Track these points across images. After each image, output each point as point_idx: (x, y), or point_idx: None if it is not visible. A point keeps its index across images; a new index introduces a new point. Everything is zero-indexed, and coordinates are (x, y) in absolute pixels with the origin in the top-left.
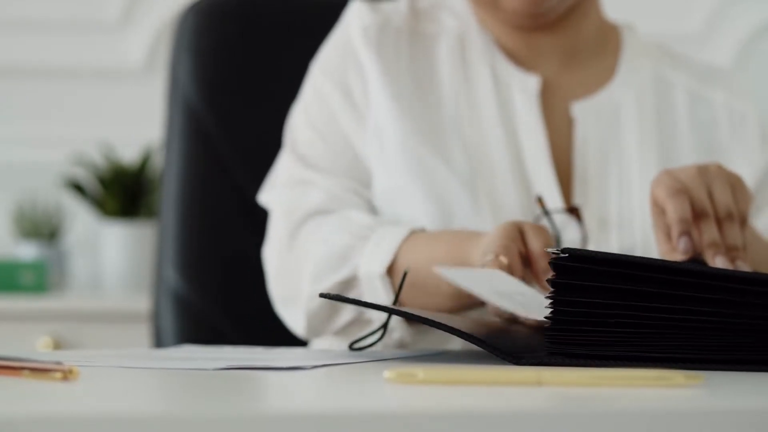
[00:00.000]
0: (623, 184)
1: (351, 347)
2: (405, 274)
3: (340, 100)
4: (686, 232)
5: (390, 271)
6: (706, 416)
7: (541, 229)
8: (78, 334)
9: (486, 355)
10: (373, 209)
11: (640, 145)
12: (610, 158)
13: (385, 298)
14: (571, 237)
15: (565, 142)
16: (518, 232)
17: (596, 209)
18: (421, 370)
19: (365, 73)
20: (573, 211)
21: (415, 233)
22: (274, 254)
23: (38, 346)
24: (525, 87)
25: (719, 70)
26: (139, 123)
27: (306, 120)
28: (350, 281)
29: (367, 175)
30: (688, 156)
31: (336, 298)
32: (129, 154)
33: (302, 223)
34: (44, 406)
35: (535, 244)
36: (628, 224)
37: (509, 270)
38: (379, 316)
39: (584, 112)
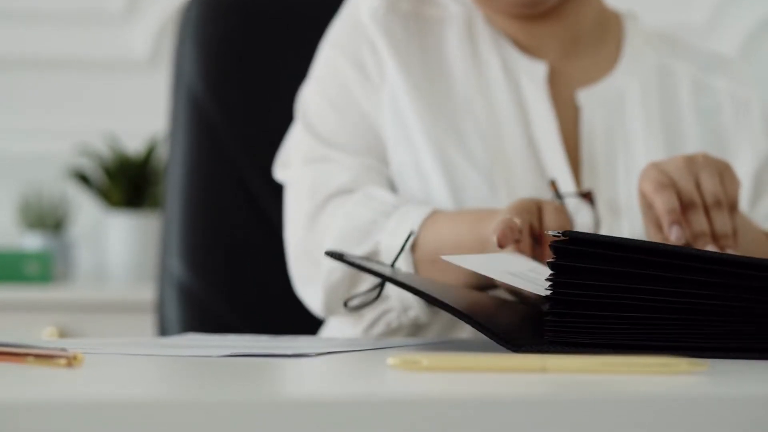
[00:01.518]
0: (630, 170)
1: (346, 304)
2: (409, 235)
3: (353, 74)
4: (676, 222)
5: (412, 247)
6: (711, 403)
7: (559, 209)
8: (83, 324)
9: (490, 342)
10: (393, 187)
11: (646, 131)
12: (617, 145)
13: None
14: (583, 221)
15: (571, 129)
16: (536, 207)
17: (605, 195)
18: (424, 357)
19: (378, 51)
20: (586, 195)
21: (436, 212)
22: (295, 233)
23: (43, 336)
24: (533, 73)
25: (723, 57)
26: (144, 114)
27: (320, 95)
28: (371, 256)
29: (384, 151)
30: (693, 143)
31: (339, 257)
32: (134, 145)
33: (325, 203)
34: (48, 391)
35: (550, 223)
36: (637, 209)
37: (519, 234)
38: (398, 293)
39: (589, 99)
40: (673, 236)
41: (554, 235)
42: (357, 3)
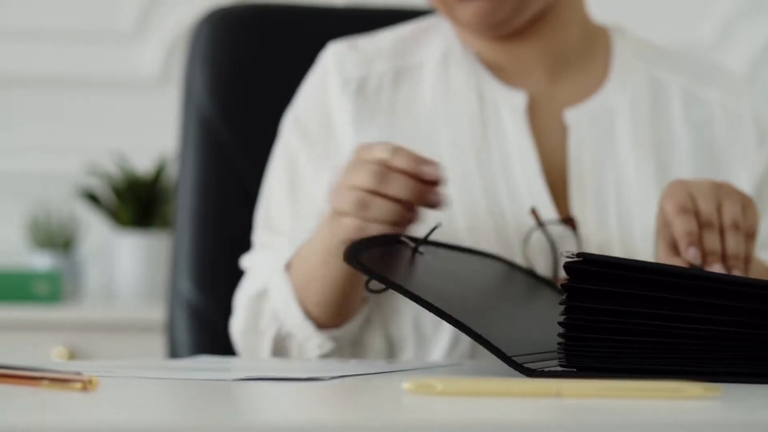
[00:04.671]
0: (621, 189)
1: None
2: (434, 228)
3: (306, 156)
4: (693, 244)
5: (289, 268)
6: (724, 428)
7: None
8: (92, 344)
9: (505, 366)
10: None
11: (636, 149)
12: (606, 164)
13: (287, 292)
14: (568, 248)
15: (561, 152)
16: None
17: (594, 217)
18: (439, 382)
19: (335, 132)
20: (568, 221)
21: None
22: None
23: (53, 356)
24: (512, 104)
25: (716, 68)
26: (153, 133)
27: (277, 178)
28: (263, 293)
29: None
30: (684, 157)
31: (361, 268)
32: (143, 164)
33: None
34: (63, 416)
35: None
36: (628, 230)
37: None
38: (300, 332)
39: (578, 118)
40: (690, 256)
41: (568, 257)
42: (326, 73)
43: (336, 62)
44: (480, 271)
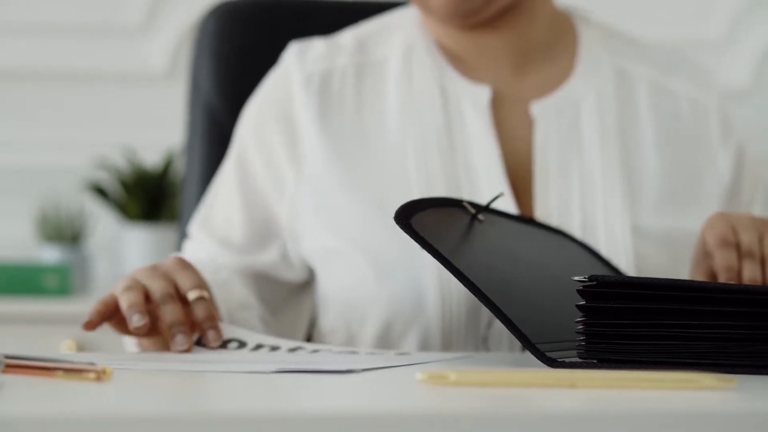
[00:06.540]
0: (585, 183)
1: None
2: (496, 197)
3: (263, 170)
4: (733, 279)
5: None
6: (739, 419)
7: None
8: (101, 337)
9: (518, 358)
10: (254, 274)
11: (602, 141)
12: (572, 157)
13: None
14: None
15: (526, 146)
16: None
17: (557, 212)
18: (453, 372)
19: (298, 132)
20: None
21: None
22: None
23: (61, 349)
24: (476, 99)
25: (683, 59)
26: (161, 127)
27: (228, 185)
28: None
29: (268, 244)
30: (650, 151)
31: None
32: (151, 159)
33: None
34: (78, 406)
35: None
36: (591, 227)
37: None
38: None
39: (544, 110)
40: None
41: (580, 281)
42: (288, 72)
43: (297, 59)
44: (538, 245)
